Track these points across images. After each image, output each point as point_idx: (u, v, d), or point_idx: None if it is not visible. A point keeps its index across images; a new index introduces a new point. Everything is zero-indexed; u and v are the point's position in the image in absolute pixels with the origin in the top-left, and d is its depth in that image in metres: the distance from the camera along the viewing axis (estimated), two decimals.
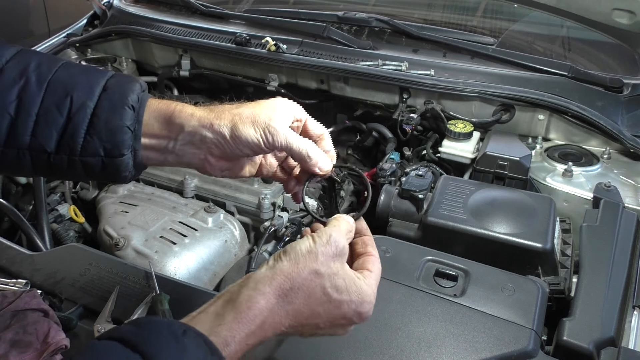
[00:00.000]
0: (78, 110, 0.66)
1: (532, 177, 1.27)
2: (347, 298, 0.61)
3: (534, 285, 0.90)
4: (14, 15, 4.08)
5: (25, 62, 0.67)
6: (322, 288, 0.60)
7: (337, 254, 0.62)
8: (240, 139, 0.67)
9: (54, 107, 0.65)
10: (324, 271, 0.60)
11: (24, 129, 0.65)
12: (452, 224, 1.06)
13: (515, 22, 1.79)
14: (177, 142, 0.69)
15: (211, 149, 0.69)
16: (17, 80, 0.65)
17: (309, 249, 0.61)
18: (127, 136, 0.67)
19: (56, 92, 0.66)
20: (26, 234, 1.16)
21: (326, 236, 0.62)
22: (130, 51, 1.95)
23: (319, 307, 0.60)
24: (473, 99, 1.44)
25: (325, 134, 0.75)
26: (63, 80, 0.67)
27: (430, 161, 1.40)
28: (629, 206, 1.15)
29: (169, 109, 0.69)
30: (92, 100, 0.66)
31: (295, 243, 0.62)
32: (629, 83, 1.43)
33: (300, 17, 1.74)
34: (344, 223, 0.66)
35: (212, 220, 1.28)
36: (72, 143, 0.66)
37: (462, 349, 0.79)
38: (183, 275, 1.14)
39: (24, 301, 0.81)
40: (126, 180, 0.71)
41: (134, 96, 0.68)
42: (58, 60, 0.70)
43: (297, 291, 0.59)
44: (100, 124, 0.66)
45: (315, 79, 1.64)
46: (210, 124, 0.68)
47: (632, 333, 0.88)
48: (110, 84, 0.68)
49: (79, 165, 0.67)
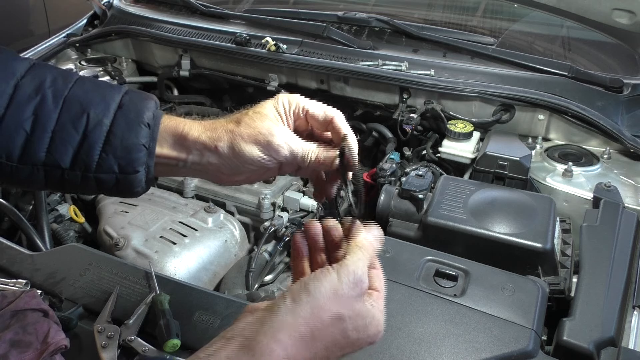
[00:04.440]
0: (94, 128, 0.66)
1: (532, 177, 1.27)
2: (365, 335, 0.58)
3: (534, 285, 0.90)
4: (14, 15, 4.08)
5: (40, 78, 0.67)
6: (343, 331, 0.56)
7: (360, 294, 0.58)
8: (245, 159, 0.68)
9: (70, 124, 0.65)
10: (347, 315, 0.56)
11: (39, 145, 0.65)
12: (452, 224, 1.06)
13: (515, 22, 1.79)
14: (187, 163, 0.70)
15: (220, 169, 0.70)
16: (33, 96, 0.65)
17: (334, 291, 0.55)
18: (142, 153, 0.67)
19: (72, 108, 0.66)
20: (26, 234, 1.16)
21: (352, 275, 0.57)
22: (130, 51, 1.95)
23: (335, 348, 0.57)
24: (473, 99, 1.44)
25: (335, 116, 0.71)
26: (79, 97, 0.67)
27: (430, 161, 1.40)
28: (629, 206, 1.15)
29: (178, 129, 0.69)
30: (108, 118, 0.67)
31: (317, 280, 0.56)
32: (629, 83, 1.43)
33: (300, 17, 1.74)
34: (369, 252, 0.61)
35: (212, 220, 1.28)
36: (87, 160, 0.66)
37: (462, 349, 0.79)
38: (183, 275, 1.14)
39: (24, 301, 0.81)
40: (137, 195, 0.71)
41: (150, 114, 0.68)
42: (72, 75, 0.70)
43: (318, 339, 0.55)
44: (116, 141, 0.66)
45: (315, 79, 1.64)
46: (214, 147, 0.68)
47: (632, 333, 0.88)
48: (125, 101, 0.69)
49: (92, 182, 0.67)
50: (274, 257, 1.28)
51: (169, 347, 0.79)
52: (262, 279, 1.22)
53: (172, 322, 0.82)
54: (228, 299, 0.90)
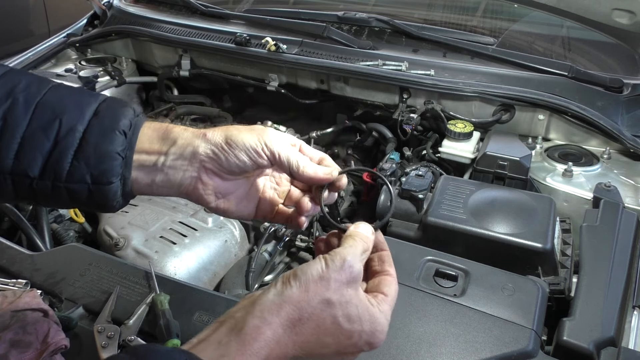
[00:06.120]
0: (67, 134, 0.62)
1: (532, 177, 1.27)
2: (359, 328, 0.57)
3: (534, 285, 0.90)
4: (14, 15, 4.08)
5: (13, 83, 0.63)
6: (333, 318, 0.56)
7: (351, 280, 0.57)
8: (237, 144, 0.64)
9: (41, 130, 0.62)
10: (335, 299, 0.56)
11: (7, 152, 0.61)
12: (452, 224, 1.06)
13: (515, 22, 1.79)
14: (168, 157, 0.65)
15: (204, 163, 0.65)
16: (3, 100, 0.62)
17: (320, 275, 0.56)
18: (116, 162, 0.63)
19: (44, 114, 0.62)
20: (26, 234, 1.16)
21: (340, 260, 0.57)
22: (130, 51, 1.95)
23: (328, 338, 0.56)
24: (473, 99, 1.44)
25: (324, 157, 0.70)
26: (52, 103, 0.63)
27: (430, 161, 1.40)
28: (629, 206, 1.15)
29: (162, 126, 0.67)
30: (82, 124, 0.63)
31: (306, 266, 0.57)
32: (629, 83, 1.43)
33: (300, 17, 1.74)
34: (360, 243, 0.61)
35: (212, 220, 1.28)
36: (58, 168, 0.62)
37: (462, 349, 0.79)
38: (183, 275, 1.14)
39: (24, 301, 0.81)
40: (113, 210, 0.67)
41: (126, 121, 0.64)
42: (48, 81, 0.67)
43: (306, 322, 0.55)
44: (90, 149, 0.62)
45: (315, 79, 1.64)
46: (203, 134, 0.66)
47: (632, 333, 0.88)
48: (101, 108, 0.65)
49: (63, 192, 0.63)
50: (274, 257, 1.28)
51: None
52: (262, 279, 1.22)
53: (172, 322, 0.82)
54: (228, 299, 0.90)
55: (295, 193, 0.74)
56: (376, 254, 0.64)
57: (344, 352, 0.58)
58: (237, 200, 0.71)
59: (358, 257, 0.59)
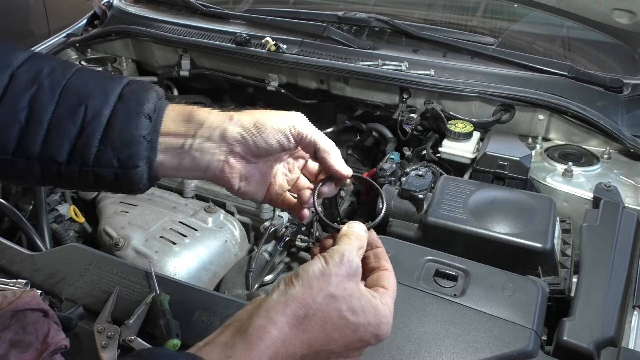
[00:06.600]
0: (92, 119, 0.62)
1: (532, 177, 1.27)
2: (364, 320, 0.58)
3: (534, 285, 0.90)
4: (14, 15, 4.08)
5: (37, 68, 0.64)
6: (339, 312, 0.57)
7: (351, 274, 0.59)
8: (266, 127, 0.65)
9: (67, 115, 0.62)
10: (339, 294, 0.57)
11: (34, 138, 0.62)
12: (452, 224, 1.06)
13: (515, 22, 1.79)
14: (196, 139, 0.66)
15: (232, 146, 0.66)
16: (29, 86, 0.62)
17: (321, 271, 0.57)
18: (142, 146, 0.63)
19: (69, 99, 0.63)
20: (26, 234, 1.16)
21: (338, 255, 0.59)
22: (130, 51, 1.95)
23: (335, 333, 0.57)
24: (473, 99, 1.44)
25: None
26: (77, 88, 0.64)
27: (430, 161, 1.40)
28: (629, 206, 1.15)
29: (185, 109, 0.68)
30: (108, 109, 0.63)
31: (306, 266, 0.58)
32: (629, 83, 1.43)
33: (300, 17, 1.74)
34: (355, 240, 0.62)
35: (212, 220, 1.28)
36: (85, 153, 0.62)
37: (462, 349, 0.79)
38: (183, 275, 1.14)
39: (24, 301, 0.81)
40: (139, 192, 0.67)
41: (150, 105, 0.65)
42: (72, 66, 0.67)
43: (312, 318, 0.56)
44: (115, 133, 0.63)
45: (315, 79, 1.64)
46: (230, 117, 0.66)
47: (632, 333, 0.88)
48: (126, 92, 0.65)
49: (90, 176, 0.64)
50: (274, 257, 1.28)
51: (169, 347, 0.79)
52: (262, 279, 1.22)
53: (172, 322, 0.82)
54: (228, 299, 0.90)
55: (302, 183, 0.76)
56: (371, 251, 0.66)
57: (351, 348, 0.59)
58: (256, 183, 0.72)
59: (355, 251, 0.61)
